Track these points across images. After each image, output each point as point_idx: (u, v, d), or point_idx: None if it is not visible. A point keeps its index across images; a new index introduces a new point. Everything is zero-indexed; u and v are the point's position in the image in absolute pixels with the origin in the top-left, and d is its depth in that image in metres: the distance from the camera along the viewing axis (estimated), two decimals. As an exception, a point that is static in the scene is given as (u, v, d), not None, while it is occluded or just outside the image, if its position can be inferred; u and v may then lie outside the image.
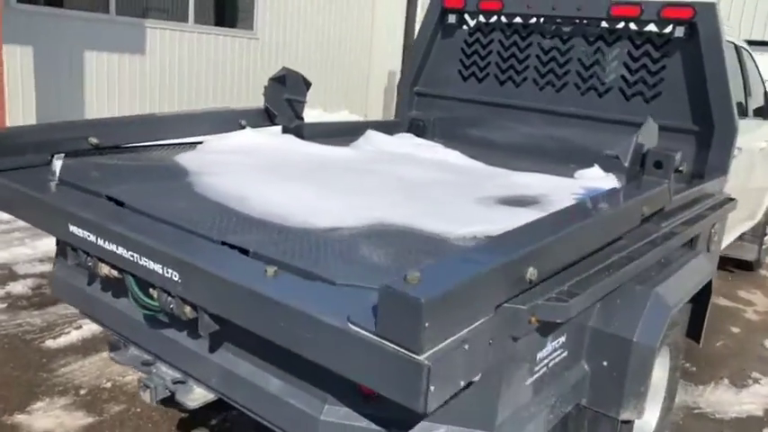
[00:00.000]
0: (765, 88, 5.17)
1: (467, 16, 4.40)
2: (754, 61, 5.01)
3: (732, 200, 3.46)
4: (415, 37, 4.55)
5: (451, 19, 4.39)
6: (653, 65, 3.70)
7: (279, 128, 3.73)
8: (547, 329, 1.83)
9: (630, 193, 2.25)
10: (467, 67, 4.44)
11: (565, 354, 2.01)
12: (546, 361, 1.90)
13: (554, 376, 1.96)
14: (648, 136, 2.49)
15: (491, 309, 1.54)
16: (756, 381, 3.81)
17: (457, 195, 2.66)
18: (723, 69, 3.41)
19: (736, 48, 4.41)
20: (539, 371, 1.87)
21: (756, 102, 5.10)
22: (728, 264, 5.94)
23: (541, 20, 4.07)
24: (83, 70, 8.65)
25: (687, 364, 3.96)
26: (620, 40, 3.81)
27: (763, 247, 5.97)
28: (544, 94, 4.11)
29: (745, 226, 5.23)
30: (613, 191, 2.35)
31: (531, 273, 1.63)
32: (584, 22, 3.91)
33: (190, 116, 3.40)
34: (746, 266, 5.96)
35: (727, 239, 4.57)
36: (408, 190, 2.71)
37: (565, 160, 3.76)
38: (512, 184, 2.98)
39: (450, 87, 4.51)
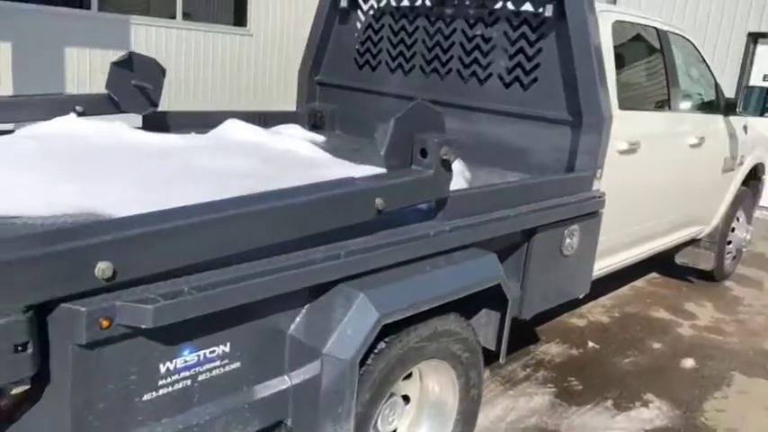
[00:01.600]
0: (715, 80, 4.68)
1: (360, -1, 4.13)
2: (699, 52, 4.54)
3: (598, 198, 3.08)
4: (312, 21, 4.30)
5: (344, 2, 4.12)
6: (529, 48, 3.34)
7: (132, 117, 3.56)
8: (174, 336, 1.55)
9: (351, 183, 1.95)
10: (361, 55, 4.17)
11: (236, 365, 1.73)
12: (186, 374, 1.62)
13: (212, 391, 1.69)
14: (417, 119, 2.17)
15: (15, 310, 1.29)
16: (646, 403, 3.39)
17: (228, 187, 2.40)
18: (589, 51, 3.03)
19: (659, 32, 3.98)
20: (170, 385, 1.60)
21: (701, 94, 4.63)
22: (690, 273, 5.44)
23: (426, 0, 3.76)
24: (63, 66, 8.74)
25: (575, 382, 3.57)
26: (498, 21, 3.46)
27: (728, 255, 5.44)
28: (430, 82, 3.80)
29: (689, 232, 4.75)
30: (342, 180, 2.04)
31: (104, 269, 1.38)
32: (465, 1, 3.59)
33: (17, 101, 3.25)
34: (709, 277, 5.43)
35: (646, 245, 4.14)
36: (178, 178, 2.47)
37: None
38: (320, 176, 2.69)
39: (348, 76, 4.25)
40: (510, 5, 3.36)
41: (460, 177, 3.07)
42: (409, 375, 2.26)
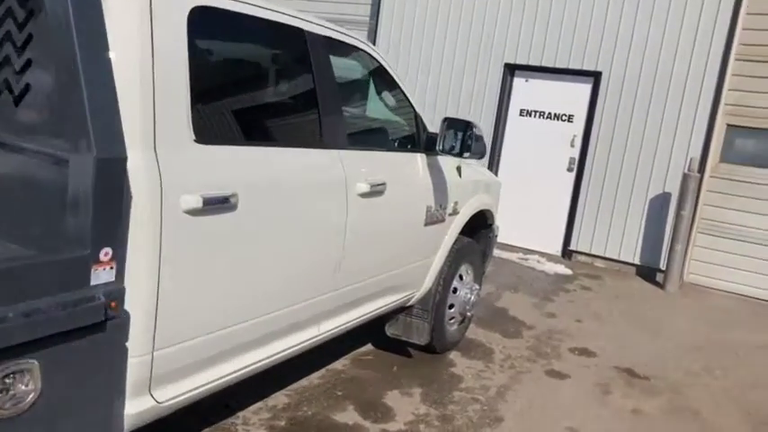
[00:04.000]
0: (414, 110, 3.65)
1: None
2: (389, 70, 3.47)
3: (100, 301, 1.74)
4: None
5: None
6: (18, 33, 1.95)
7: None
8: None
9: None
10: None
11: None
12: None
13: None
14: None
15: None
16: None
17: None
18: (71, 48, 1.70)
19: (306, 35, 2.79)
20: None
21: (390, 126, 3.58)
22: (410, 344, 4.38)
23: None
24: None
25: None
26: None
27: (452, 320, 4.45)
28: None
29: (385, 302, 3.66)
30: None
31: None
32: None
33: None
34: (431, 349, 4.40)
35: (300, 335, 2.93)
36: None
37: None
38: None
39: None
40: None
41: None
42: None
